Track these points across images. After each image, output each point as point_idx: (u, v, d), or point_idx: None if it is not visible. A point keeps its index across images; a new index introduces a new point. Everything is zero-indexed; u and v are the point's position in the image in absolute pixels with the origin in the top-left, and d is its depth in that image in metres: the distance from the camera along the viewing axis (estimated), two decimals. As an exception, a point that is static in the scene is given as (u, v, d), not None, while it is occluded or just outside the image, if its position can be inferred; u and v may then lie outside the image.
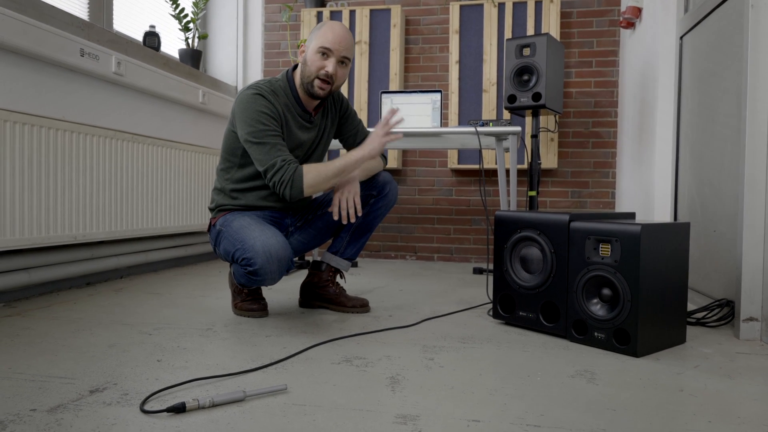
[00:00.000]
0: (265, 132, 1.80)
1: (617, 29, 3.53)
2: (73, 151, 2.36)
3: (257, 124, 1.80)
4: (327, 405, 1.18)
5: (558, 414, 1.15)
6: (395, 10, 3.62)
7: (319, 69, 1.86)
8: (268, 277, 1.77)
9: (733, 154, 2.01)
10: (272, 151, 1.79)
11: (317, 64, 1.87)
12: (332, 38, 1.85)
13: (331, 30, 1.87)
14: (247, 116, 1.81)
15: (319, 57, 1.86)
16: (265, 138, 1.79)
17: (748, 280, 1.76)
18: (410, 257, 3.82)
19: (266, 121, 1.81)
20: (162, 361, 1.46)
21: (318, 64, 1.86)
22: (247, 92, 1.85)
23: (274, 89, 1.89)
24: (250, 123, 1.80)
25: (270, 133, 1.80)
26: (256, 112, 1.81)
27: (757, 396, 1.28)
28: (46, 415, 1.10)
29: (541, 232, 1.79)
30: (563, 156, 3.61)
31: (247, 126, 1.81)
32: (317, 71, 1.87)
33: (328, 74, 1.86)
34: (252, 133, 1.80)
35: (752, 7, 1.74)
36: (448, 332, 1.82)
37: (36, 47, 2.19)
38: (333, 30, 1.87)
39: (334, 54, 1.86)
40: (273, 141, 1.80)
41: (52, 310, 2.03)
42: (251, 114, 1.81)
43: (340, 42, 1.86)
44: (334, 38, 1.86)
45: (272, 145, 1.79)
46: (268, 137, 1.80)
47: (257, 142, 1.79)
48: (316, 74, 1.87)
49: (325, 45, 1.85)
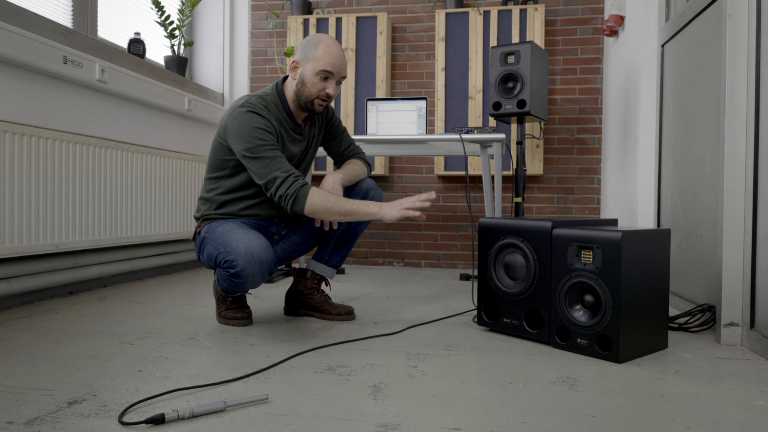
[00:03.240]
0: (262, 147, 1.80)
1: (601, 37, 3.56)
2: (56, 159, 2.34)
3: (254, 140, 1.80)
4: (308, 414, 1.18)
5: (539, 420, 1.16)
6: (381, 17, 3.63)
7: (320, 90, 1.88)
8: (250, 279, 1.76)
9: (713, 160, 2.04)
10: (271, 164, 1.79)
11: (318, 86, 1.88)
12: (332, 61, 1.87)
13: (329, 53, 1.87)
14: (242, 133, 1.81)
15: (319, 80, 1.87)
16: (262, 152, 1.80)
17: (729, 286, 1.78)
18: (398, 263, 3.82)
19: (263, 136, 1.81)
20: (143, 372, 1.45)
21: (319, 86, 1.88)
22: (241, 110, 1.84)
23: (266, 105, 1.89)
24: (246, 139, 1.80)
25: (267, 148, 1.81)
26: (251, 129, 1.81)
27: (736, 401, 1.29)
28: (23, 427, 1.09)
29: (524, 239, 1.80)
30: (549, 162, 3.64)
31: (243, 142, 1.81)
32: (318, 92, 1.89)
33: (329, 96, 1.90)
34: (249, 149, 1.80)
35: (730, 16, 1.77)
36: (432, 340, 1.82)
37: (18, 54, 2.17)
38: (332, 52, 1.87)
39: (335, 77, 1.89)
40: (271, 155, 1.80)
41: (34, 320, 2.01)
42: (246, 131, 1.81)
43: (340, 64, 1.89)
44: (334, 61, 1.87)
45: (271, 158, 1.80)
46: (266, 151, 1.80)
47: (254, 157, 1.80)
48: (317, 95, 1.89)
49: (326, 69, 1.86)
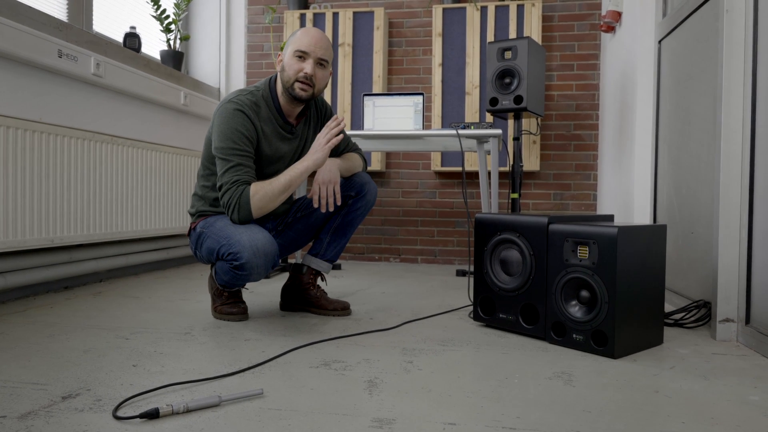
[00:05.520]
0: (233, 150, 1.81)
1: (598, 33, 3.56)
2: (51, 153, 2.33)
3: (228, 141, 1.82)
4: (303, 409, 1.18)
5: (534, 416, 1.16)
6: (378, 12, 3.62)
7: (297, 72, 1.87)
8: (254, 271, 1.76)
9: (709, 156, 2.04)
10: (231, 170, 1.80)
11: (295, 68, 1.87)
12: (307, 41, 1.87)
13: (305, 34, 1.89)
14: (222, 130, 1.83)
15: (296, 60, 1.87)
16: (231, 156, 1.81)
17: (724, 282, 1.78)
18: (394, 259, 3.82)
19: (237, 140, 1.82)
20: (138, 366, 1.44)
21: (296, 67, 1.87)
22: (228, 106, 1.85)
23: (256, 101, 1.89)
24: (223, 139, 1.82)
25: (237, 152, 1.81)
26: (231, 129, 1.82)
27: (731, 397, 1.29)
28: (16, 422, 1.09)
29: (520, 234, 1.80)
30: (545, 158, 3.64)
31: (219, 140, 1.83)
32: (296, 74, 1.87)
33: (307, 75, 1.86)
34: (221, 149, 1.82)
35: (727, 11, 1.77)
36: (428, 335, 1.82)
37: (12, 48, 2.16)
38: (308, 33, 1.89)
39: (310, 56, 1.87)
40: (237, 160, 1.81)
41: (28, 315, 2.00)
42: (226, 130, 1.83)
43: (316, 44, 1.87)
44: (309, 41, 1.87)
45: (235, 164, 1.81)
46: (235, 156, 1.81)
47: (222, 158, 1.82)
48: (295, 77, 1.87)
49: (301, 48, 1.86)
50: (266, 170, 1.94)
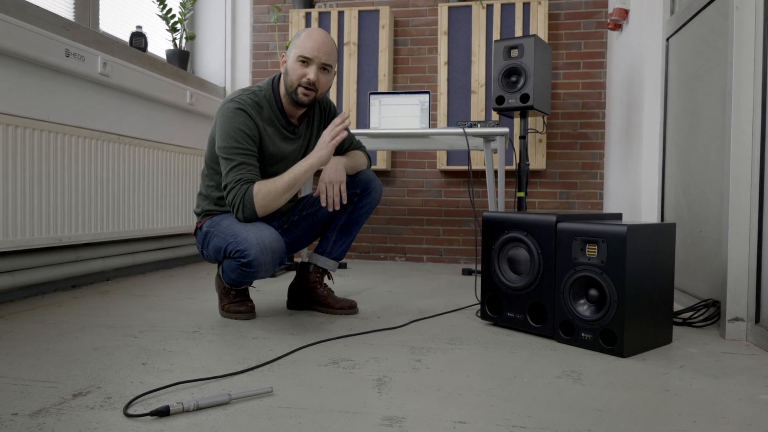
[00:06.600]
0: (236, 149, 1.82)
1: (604, 31, 3.55)
2: (58, 153, 2.34)
3: (231, 140, 1.82)
4: (313, 407, 1.18)
5: (543, 414, 1.16)
6: (384, 11, 3.62)
7: (300, 77, 1.87)
8: (262, 268, 1.76)
9: (718, 155, 2.03)
10: (235, 168, 1.81)
11: (298, 73, 1.87)
12: (311, 46, 1.86)
13: (309, 38, 1.87)
14: (224, 129, 1.84)
15: (299, 65, 1.87)
16: (234, 155, 1.81)
17: (734, 281, 1.78)
18: (399, 258, 3.82)
19: (240, 139, 1.82)
20: (147, 365, 1.44)
21: (299, 73, 1.87)
22: (230, 105, 1.85)
23: (258, 101, 1.89)
24: (225, 138, 1.83)
25: (240, 151, 1.82)
26: (233, 129, 1.82)
27: (742, 396, 1.29)
28: (28, 419, 1.09)
29: (528, 233, 1.80)
30: (551, 157, 3.63)
31: (222, 140, 1.84)
32: (299, 79, 1.87)
33: (309, 82, 1.86)
34: (224, 148, 1.83)
35: (737, 8, 1.76)
36: (435, 334, 1.82)
37: (20, 48, 2.16)
38: (311, 37, 1.87)
39: (314, 61, 1.86)
40: (240, 159, 1.82)
41: (37, 313, 2.00)
42: (228, 129, 1.83)
43: (320, 48, 1.86)
44: (313, 45, 1.86)
45: (238, 163, 1.81)
46: (238, 155, 1.81)
47: (226, 157, 1.83)
48: (298, 83, 1.87)
49: (304, 54, 1.86)
50: (270, 170, 1.94)
